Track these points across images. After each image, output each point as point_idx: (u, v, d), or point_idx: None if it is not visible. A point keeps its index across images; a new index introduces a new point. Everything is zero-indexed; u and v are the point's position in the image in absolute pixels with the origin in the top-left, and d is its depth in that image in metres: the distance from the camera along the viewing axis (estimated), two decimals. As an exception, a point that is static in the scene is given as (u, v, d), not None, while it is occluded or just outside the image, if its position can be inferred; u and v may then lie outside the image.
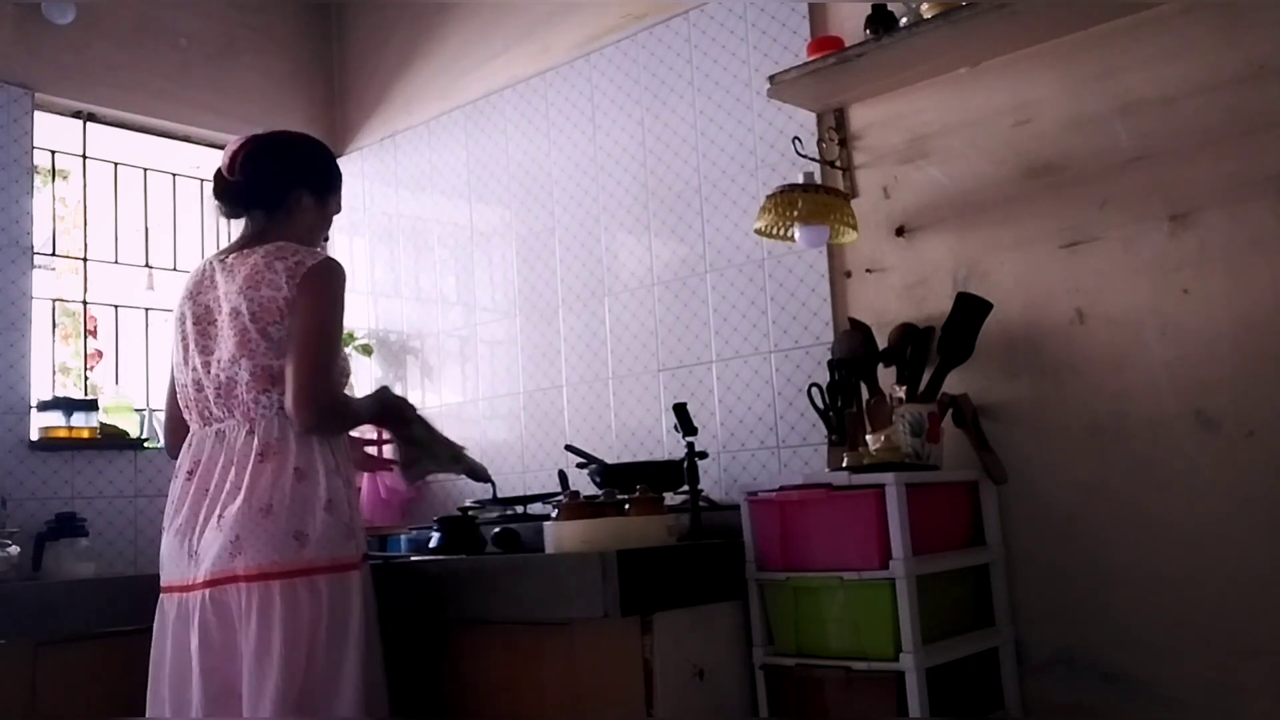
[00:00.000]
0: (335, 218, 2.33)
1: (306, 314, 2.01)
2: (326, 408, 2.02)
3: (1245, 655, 2.05)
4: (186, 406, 2.13)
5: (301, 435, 2.00)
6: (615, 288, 3.07)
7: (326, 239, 2.31)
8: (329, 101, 4.01)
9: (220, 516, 1.97)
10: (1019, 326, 2.35)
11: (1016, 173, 2.38)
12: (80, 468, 3.20)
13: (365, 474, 3.47)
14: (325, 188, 2.24)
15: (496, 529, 2.47)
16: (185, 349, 2.12)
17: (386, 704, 2.06)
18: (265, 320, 2.01)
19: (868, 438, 2.29)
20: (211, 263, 2.15)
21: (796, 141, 2.62)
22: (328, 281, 2.06)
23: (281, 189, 2.16)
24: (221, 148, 3.70)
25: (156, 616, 2.07)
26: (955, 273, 2.45)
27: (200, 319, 2.10)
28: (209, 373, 2.06)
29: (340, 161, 3.91)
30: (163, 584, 2.07)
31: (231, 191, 2.15)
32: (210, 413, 2.07)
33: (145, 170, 3.69)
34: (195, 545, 2.00)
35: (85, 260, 3.48)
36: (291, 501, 1.96)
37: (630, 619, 1.97)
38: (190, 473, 2.06)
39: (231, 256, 2.11)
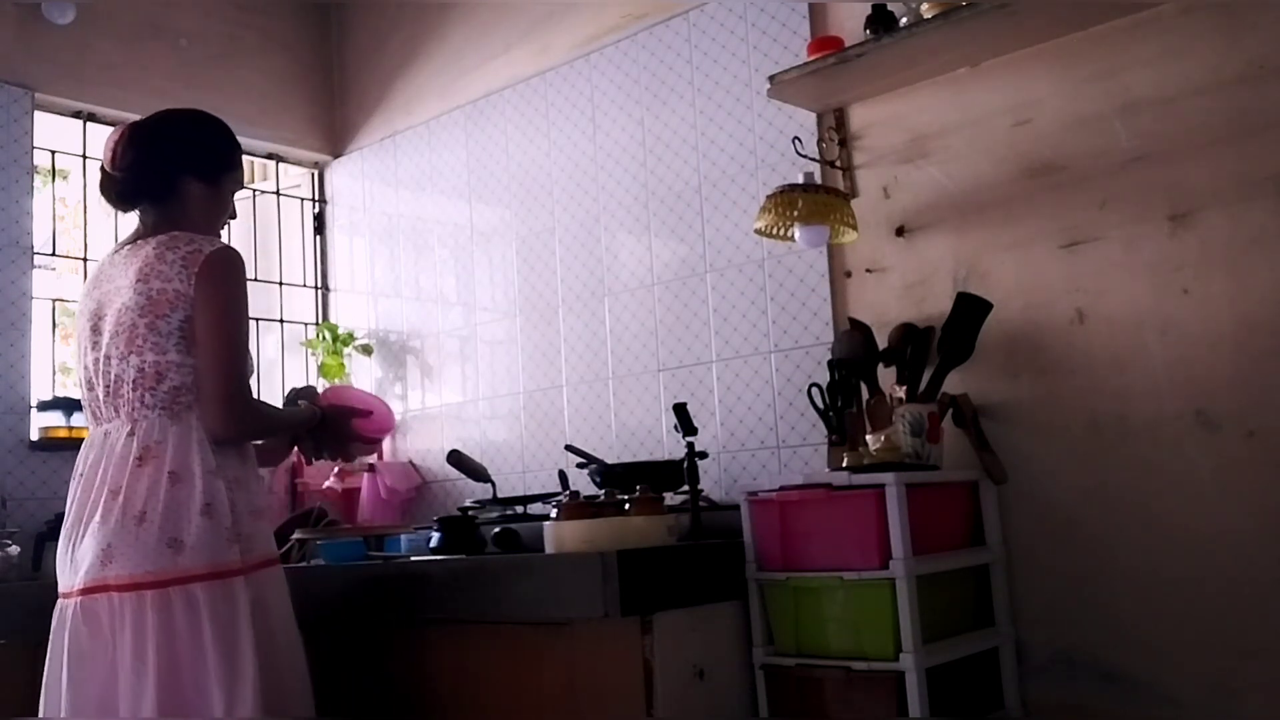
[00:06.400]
0: (238, 196, 2.17)
1: (209, 311, 1.90)
2: (248, 421, 1.97)
3: (1245, 655, 2.05)
4: (85, 406, 2.05)
5: (180, 435, 1.91)
6: (615, 288, 3.07)
7: (233, 217, 2.15)
8: (329, 101, 4.01)
9: (96, 522, 1.88)
10: (1019, 326, 2.35)
11: (1016, 173, 2.38)
12: (80, 468, 3.20)
13: (365, 474, 3.48)
14: (214, 169, 2.07)
15: (496, 529, 2.47)
16: (81, 346, 2.03)
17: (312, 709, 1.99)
18: (154, 314, 1.90)
19: (868, 438, 2.29)
20: (110, 257, 2.05)
21: (796, 141, 2.62)
22: (228, 273, 1.93)
23: (166, 178, 2.02)
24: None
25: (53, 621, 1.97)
26: (955, 273, 2.45)
27: (93, 314, 2.00)
28: (99, 370, 1.97)
29: (340, 161, 3.98)
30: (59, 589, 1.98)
31: (114, 186, 2.03)
32: (100, 412, 1.98)
33: (145, 170, 3.69)
34: (74, 552, 1.91)
35: (85, 260, 3.48)
36: (165, 507, 1.86)
37: (630, 619, 1.97)
38: (81, 474, 1.97)
39: (125, 249, 2.01)
